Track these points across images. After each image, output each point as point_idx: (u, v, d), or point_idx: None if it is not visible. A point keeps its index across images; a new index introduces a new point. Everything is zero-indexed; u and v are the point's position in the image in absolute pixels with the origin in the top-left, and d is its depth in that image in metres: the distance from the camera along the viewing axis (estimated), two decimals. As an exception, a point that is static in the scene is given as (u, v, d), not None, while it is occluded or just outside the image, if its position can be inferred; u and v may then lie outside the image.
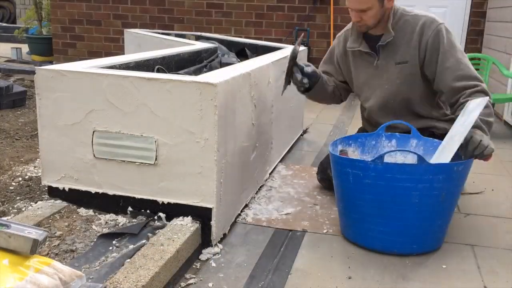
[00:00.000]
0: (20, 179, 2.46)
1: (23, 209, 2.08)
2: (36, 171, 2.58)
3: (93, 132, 1.95)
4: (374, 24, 2.25)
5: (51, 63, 6.53)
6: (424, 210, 1.85)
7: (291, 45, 4.40)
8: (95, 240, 1.80)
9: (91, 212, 2.03)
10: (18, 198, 2.22)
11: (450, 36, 2.23)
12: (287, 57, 2.85)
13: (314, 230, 2.11)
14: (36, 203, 2.12)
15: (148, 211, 1.97)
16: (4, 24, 11.34)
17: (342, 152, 2.22)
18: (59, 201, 2.07)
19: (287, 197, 2.46)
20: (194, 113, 1.81)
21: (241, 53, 3.94)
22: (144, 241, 1.78)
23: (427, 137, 2.23)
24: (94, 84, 1.91)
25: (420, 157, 1.80)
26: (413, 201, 1.82)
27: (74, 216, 1.98)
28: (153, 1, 6.36)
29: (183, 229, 1.83)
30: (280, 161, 2.99)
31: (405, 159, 2.22)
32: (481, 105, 1.95)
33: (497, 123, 2.30)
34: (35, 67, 2.05)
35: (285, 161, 3.06)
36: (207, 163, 1.83)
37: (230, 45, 4.04)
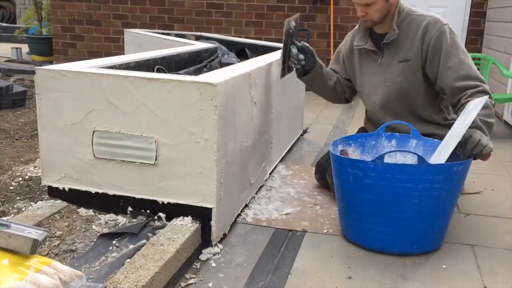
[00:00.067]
0: (20, 179, 2.46)
1: (23, 209, 2.08)
2: (36, 171, 2.58)
3: (93, 132, 1.95)
4: (380, 19, 2.26)
5: (51, 63, 6.53)
6: (424, 210, 1.85)
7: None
8: (95, 240, 1.80)
9: (91, 212, 2.03)
10: (18, 198, 2.22)
11: (454, 36, 2.24)
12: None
13: (314, 230, 2.11)
14: (36, 203, 2.12)
15: (148, 211, 1.97)
16: (4, 24, 11.34)
17: (343, 152, 2.22)
18: (59, 201, 2.07)
19: (287, 197, 2.46)
20: (194, 113, 1.81)
21: (241, 53, 3.94)
22: (144, 241, 1.78)
23: (426, 137, 2.23)
24: (94, 84, 1.91)
25: (420, 157, 1.80)
26: (413, 202, 1.83)
27: (74, 216, 1.98)
28: (153, 1, 6.36)
29: (183, 229, 1.83)
30: (280, 161, 2.99)
31: (405, 159, 2.22)
32: (480, 104, 1.95)
33: (497, 123, 2.29)
34: (35, 67, 2.05)
35: (285, 161, 3.06)
36: (207, 163, 1.83)
37: (230, 45, 4.04)
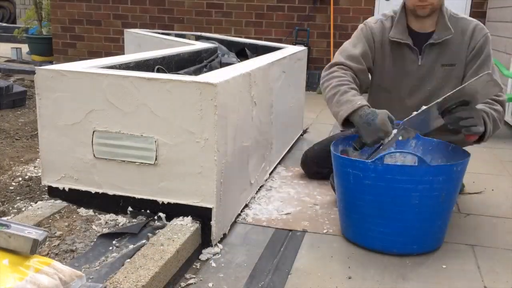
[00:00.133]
0: (20, 179, 2.46)
1: (23, 209, 2.08)
2: (36, 171, 2.58)
3: (93, 132, 1.95)
4: (436, 7, 2.18)
5: (51, 63, 6.53)
6: (424, 211, 1.85)
7: (291, 45, 4.41)
8: (95, 240, 1.80)
9: (91, 212, 2.03)
10: (18, 198, 2.22)
11: (490, 47, 2.26)
12: (287, 57, 2.87)
13: (314, 230, 2.11)
14: (36, 203, 2.12)
15: (148, 211, 1.97)
16: (4, 24, 11.34)
17: (343, 152, 2.22)
18: (59, 201, 2.07)
19: (287, 197, 2.46)
20: (194, 113, 1.81)
21: (241, 53, 3.94)
22: (144, 241, 1.78)
23: (426, 137, 2.22)
24: (94, 84, 1.91)
25: (420, 158, 1.80)
26: (413, 202, 1.82)
27: (74, 216, 1.98)
28: (153, 1, 6.36)
29: (183, 229, 1.83)
30: (280, 161, 2.99)
31: (404, 159, 2.21)
32: (482, 76, 1.87)
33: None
34: (35, 67, 2.05)
35: (285, 161, 3.06)
36: (207, 163, 1.83)
37: (230, 45, 4.04)
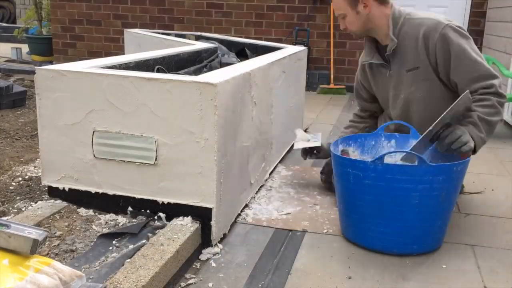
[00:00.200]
0: (20, 179, 2.46)
1: (23, 209, 2.08)
2: (36, 171, 2.58)
3: (93, 132, 1.95)
4: (360, 31, 2.23)
5: (51, 63, 6.53)
6: (424, 211, 1.85)
7: (291, 45, 4.41)
8: (95, 240, 1.80)
9: (91, 212, 2.03)
10: (18, 198, 2.22)
11: (459, 37, 2.13)
12: (287, 57, 2.87)
13: (314, 230, 2.11)
14: (36, 203, 2.12)
15: (148, 211, 1.97)
16: (4, 24, 11.34)
17: (344, 152, 2.22)
18: (59, 201, 2.07)
19: (287, 197, 2.46)
20: (194, 113, 1.81)
21: (241, 53, 3.94)
22: (144, 241, 1.78)
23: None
24: (94, 84, 1.91)
25: (420, 158, 1.80)
26: (413, 202, 1.82)
27: (74, 216, 1.98)
28: (153, 1, 6.36)
29: (183, 229, 1.83)
30: (280, 161, 2.99)
31: (405, 159, 2.22)
32: (461, 100, 1.92)
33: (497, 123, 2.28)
34: (35, 67, 2.05)
35: (285, 161, 3.06)
36: (207, 163, 1.83)
37: (230, 45, 4.04)
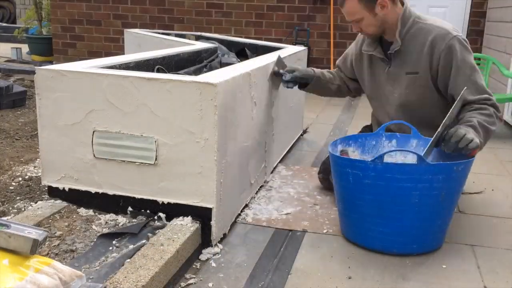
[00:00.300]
0: (20, 179, 2.46)
1: (23, 209, 2.08)
2: (36, 171, 2.58)
3: (93, 132, 1.95)
4: (377, 32, 2.21)
5: (51, 63, 6.54)
6: (424, 210, 1.85)
7: (291, 45, 4.41)
8: (95, 240, 1.80)
9: (91, 212, 2.03)
10: (18, 198, 2.22)
11: (464, 50, 2.13)
12: (286, 57, 2.87)
13: (314, 230, 2.11)
14: (36, 203, 2.12)
15: (148, 211, 1.97)
16: (4, 24, 11.34)
17: (343, 152, 2.22)
18: (59, 201, 2.07)
19: (287, 197, 2.46)
20: (194, 113, 1.81)
21: (241, 53, 3.94)
22: (144, 241, 1.78)
23: (427, 137, 2.22)
24: (94, 84, 1.91)
25: (420, 157, 1.79)
26: (413, 201, 1.82)
27: (74, 216, 1.98)
28: (153, 1, 6.36)
29: (183, 229, 1.83)
30: (280, 161, 2.99)
31: (405, 159, 2.22)
32: (460, 100, 1.99)
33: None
34: (35, 67, 2.05)
35: (285, 161, 3.06)
36: (207, 163, 1.83)
37: (230, 45, 4.04)
